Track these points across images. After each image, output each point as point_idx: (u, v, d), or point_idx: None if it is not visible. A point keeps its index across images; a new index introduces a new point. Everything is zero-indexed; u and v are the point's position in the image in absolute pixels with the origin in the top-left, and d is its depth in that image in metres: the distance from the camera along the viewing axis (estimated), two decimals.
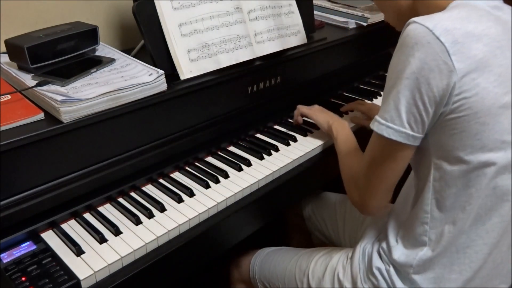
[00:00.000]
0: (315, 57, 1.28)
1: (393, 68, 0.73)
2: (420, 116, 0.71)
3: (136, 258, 0.78)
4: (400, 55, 0.71)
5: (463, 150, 0.72)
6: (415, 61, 0.68)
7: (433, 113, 0.71)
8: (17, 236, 0.76)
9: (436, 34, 0.67)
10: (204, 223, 0.87)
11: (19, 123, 0.77)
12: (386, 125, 0.73)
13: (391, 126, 0.73)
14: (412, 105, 0.70)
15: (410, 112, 0.71)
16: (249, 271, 1.13)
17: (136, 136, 0.91)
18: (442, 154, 0.75)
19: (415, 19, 0.70)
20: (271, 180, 1.01)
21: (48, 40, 0.89)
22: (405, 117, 0.71)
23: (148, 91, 0.89)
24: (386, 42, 1.63)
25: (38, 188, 0.78)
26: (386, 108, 0.73)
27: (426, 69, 0.68)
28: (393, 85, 0.72)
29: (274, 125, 1.21)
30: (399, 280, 0.84)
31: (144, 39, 0.96)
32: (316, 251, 1.04)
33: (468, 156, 0.72)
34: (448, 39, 0.67)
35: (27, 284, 0.68)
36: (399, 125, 0.72)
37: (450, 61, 0.67)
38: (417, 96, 0.69)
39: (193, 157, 1.03)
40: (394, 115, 0.72)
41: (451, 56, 0.67)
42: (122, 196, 0.91)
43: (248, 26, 1.09)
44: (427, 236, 0.80)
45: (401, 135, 0.73)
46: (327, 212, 1.22)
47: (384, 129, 0.73)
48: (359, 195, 0.85)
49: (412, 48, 0.69)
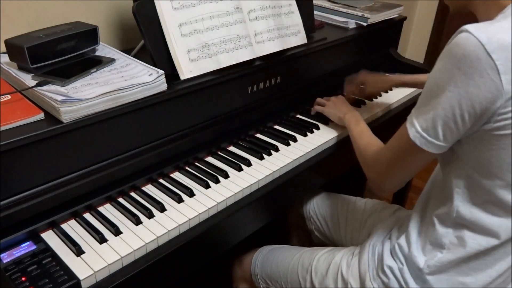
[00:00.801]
0: (315, 57, 1.28)
1: (437, 74, 0.70)
2: (456, 129, 0.69)
3: (136, 258, 0.78)
4: (446, 63, 0.68)
5: (499, 167, 0.71)
6: (460, 75, 0.65)
7: (470, 127, 0.69)
8: (17, 236, 0.76)
9: (489, 51, 0.62)
10: (204, 223, 0.87)
11: (19, 123, 0.77)
12: (420, 134, 0.72)
13: (424, 136, 0.72)
14: (450, 120, 0.68)
15: (447, 126, 0.69)
16: (250, 268, 1.13)
17: (136, 136, 0.91)
18: (476, 165, 0.73)
19: (469, 28, 0.65)
20: (271, 180, 1.01)
21: (48, 40, 0.89)
22: (440, 131, 0.70)
23: (148, 91, 0.89)
24: (386, 42, 1.63)
25: (38, 188, 0.78)
26: (425, 116, 0.71)
27: (471, 85, 0.64)
28: (435, 93, 0.69)
29: (274, 125, 1.21)
30: (412, 279, 0.83)
31: (144, 39, 0.96)
32: (319, 249, 1.04)
33: (503, 172, 0.71)
34: (501, 56, 0.62)
35: (27, 284, 0.68)
36: (433, 137, 0.71)
37: (499, 81, 0.63)
38: (457, 111, 0.67)
39: (193, 157, 1.03)
40: (430, 126, 0.71)
41: (501, 75, 0.63)
42: (122, 196, 0.91)
43: (248, 26, 1.09)
44: (448, 239, 0.79)
45: (433, 146, 0.72)
46: (328, 212, 1.22)
47: (418, 137, 0.72)
48: (377, 175, 0.87)
49: (459, 61, 0.65)
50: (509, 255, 0.78)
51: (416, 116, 0.73)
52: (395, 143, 0.81)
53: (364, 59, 1.51)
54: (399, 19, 1.59)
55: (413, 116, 0.74)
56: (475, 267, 0.79)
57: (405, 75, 1.34)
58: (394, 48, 1.66)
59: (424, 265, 0.81)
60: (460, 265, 0.79)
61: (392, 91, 1.47)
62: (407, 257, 0.85)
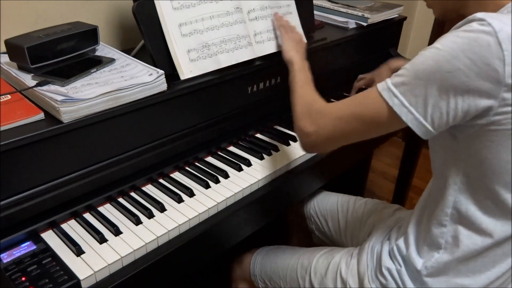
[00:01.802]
0: (315, 57, 1.28)
1: (438, 51, 0.64)
2: (446, 115, 0.66)
3: (136, 258, 0.78)
4: (453, 43, 0.63)
5: (496, 164, 0.69)
6: (464, 58, 0.62)
7: (461, 119, 0.66)
8: (17, 236, 0.76)
9: (500, 39, 0.61)
10: (204, 223, 0.87)
11: (19, 123, 0.77)
12: (408, 108, 0.67)
13: (412, 112, 0.67)
14: (443, 101, 0.65)
15: (437, 107, 0.65)
16: (249, 268, 1.13)
17: (136, 136, 0.91)
18: (473, 163, 0.71)
19: (483, 16, 0.63)
20: (271, 180, 1.01)
21: (48, 40, 0.89)
22: (430, 110, 0.66)
23: (148, 91, 0.89)
24: (386, 42, 1.63)
25: (38, 188, 0.78)
26: (414, 91, 0.66)
27: (473, 71, 0.62)
28: (432, 68, 0.64)
29: (274, 125, 1.21)
30: (410, 280, 0.83)
31: (144, 39, 0.96)
32: (319, 249, 1.04)
33: (501, 170, 0.69)
34: (508, 47, 0.61)
35: (27, 284, 0.68)
36: (421, 115, 0.66)
37: (503, 71, 0.61)
38: (451, 93, 0.64)
39: (193, 157, 1.03)
40: (420, 102, 0.66)
41: (506, 66, 0.61)
42: (122, 196, 0.91)
43: (248, 26, 1.09)
44: (444, 239, 0.79)
45: (417, 125, 0.67)
46: (329, 211, 1.23)
47: (404, 112, 0.67)
48: (314, 131, 0.78)
49: (469, 43, 0.62)
50: (509, 256, 0.77)
51: (402, 92, 0.67)
52: (358, 101, 0.73)
53: (364, 59, 1.51)
54: (399, 19, 1.59)
55: (391, 84, 0.68)
56: (474, 269, 0.78)
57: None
58: (394, 48, 1.66)
59: (422, 267, 0.81)
60: (458, 267, 0.79)
61: None
62: (405, 258, 0.85)
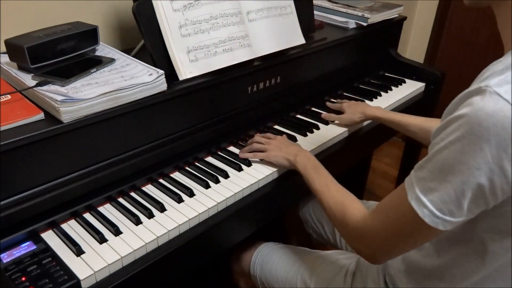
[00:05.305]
0: (315, 57, 1.28)
1: (456, 147, 0.56)
2: (486, 205, 0.58)
3: (136, 258, 0.78)
4: (470, 135, 0.54)
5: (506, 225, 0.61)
6: (491, 149, 0.53)
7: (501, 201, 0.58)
8: (17, 236, 0.76)
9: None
10: (204, 223, 0.87)
11: (19, 123, 0.77)
12: (443, 218, 0.59)
13: (449, 220, 0.59)
14: (480, 198, 0.57)
15: (474, 203, 0.58)
16: (249, 267, 1.13)
17: (136, 136, 0.91)
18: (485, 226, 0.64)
19: (492, 85, 0.53)
20: (271, 180, 1.01)
21: (48, 40, 0.89)
22: (466, 207, 0.58)
23: (148, 91, 0.89)
24: (386, 42, 1.63)
25: (38, 188, 0.78)
26: (443, 198, 0.58)
27: (504, 158, 0.53)
28: (455, 169, 0.56)
29: (274, 125, 1.21)
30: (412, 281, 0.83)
31: (144, 39, 0.96)
32: (320, 260, 1.03)
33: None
34: None
35: (27, 284, 0.68)
36: (458, 216, 0.59)
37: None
38: (487, 189, 0.56)
39: (193, 157, 1.03)
40: (454, 207, 0.58)
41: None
42: (122, 196, 0.91)
43: (247, 26, 1.09)
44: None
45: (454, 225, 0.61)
46: (324, 216, 1.22)
47: (440, 223, 0.60)
48: (368, 249, 0.73)
49: (489, 131, 0.52)
50: None
51: (433, 202, 0.60)
52: (393, 216, 0.67)
53: (364, 59, 1.52)
54: (399, 19, 1.59)
55: (419, 192, 0.61)
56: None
57: (386, 111, 1.19)
58: (394, 48, 1.66)
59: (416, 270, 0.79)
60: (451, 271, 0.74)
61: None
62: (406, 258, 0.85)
